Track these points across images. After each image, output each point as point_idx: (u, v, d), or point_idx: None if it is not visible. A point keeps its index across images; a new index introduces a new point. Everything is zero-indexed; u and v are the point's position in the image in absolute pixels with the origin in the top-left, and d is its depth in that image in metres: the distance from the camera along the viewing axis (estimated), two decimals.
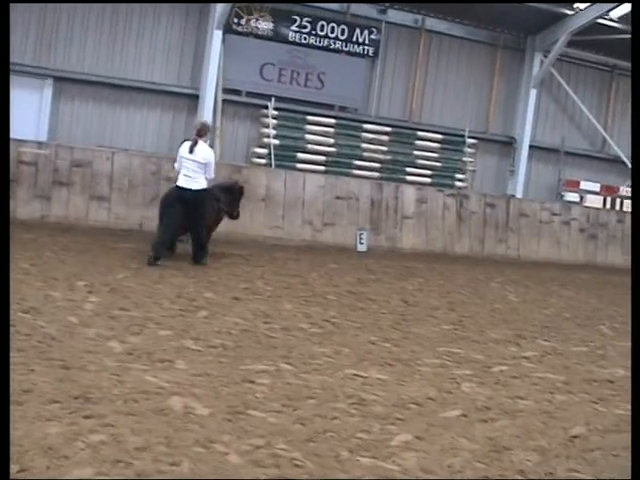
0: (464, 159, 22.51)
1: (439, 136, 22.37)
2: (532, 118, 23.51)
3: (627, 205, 24.68)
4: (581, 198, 24.14)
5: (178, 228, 14.03)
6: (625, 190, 24.93)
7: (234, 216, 15.92)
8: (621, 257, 23.58)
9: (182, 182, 13.76)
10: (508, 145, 23.68)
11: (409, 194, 20.54)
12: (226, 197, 15.53)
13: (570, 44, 22.72)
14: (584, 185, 24.42)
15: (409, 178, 21.64)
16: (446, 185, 21.98)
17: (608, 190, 24.69)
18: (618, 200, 24.69)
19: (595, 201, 24.25)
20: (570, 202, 23.80)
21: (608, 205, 24.44)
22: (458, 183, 22.36)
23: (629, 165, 25.02)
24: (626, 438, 7.23)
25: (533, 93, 23.35)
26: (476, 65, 23.20)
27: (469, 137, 22.60)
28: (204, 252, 14.23)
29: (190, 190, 13.65)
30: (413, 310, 12.29)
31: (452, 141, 22.56)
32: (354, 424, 6.65)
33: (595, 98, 25.15)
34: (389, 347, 9.61)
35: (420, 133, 22.17)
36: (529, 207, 22.48)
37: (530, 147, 23.64)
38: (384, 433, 6.55)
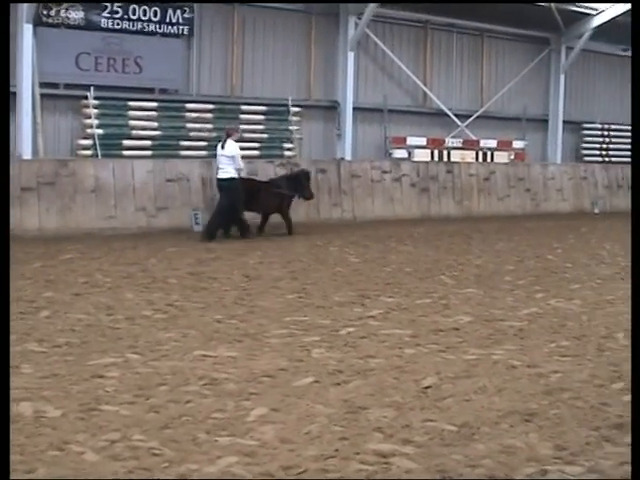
0: (290, 128, 22.56)
1: (263, 108, 22.34)
2: (353, 80, 23.68)
3: (454, 156, 25.20)
4: (409, 153, 24.49)
5: (224, 212, 17.63)
6: (450, 141, 25.44)
7: (309, 197, 19.44)
8: (453, 207, 24.16)
9: (218, 173, 17.82)
10: (332, 109, 23.81)
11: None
12: (294, 184, 18.97)
13: (382, 4, 22.98)
14: (410, 140, 24.77)
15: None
16: (275, 156, 21.99)
17: (434, 143, 25.14)
18: (445, 152, 25.18)
19: (423, 155, 24.65)
20: (399, 158, 24.14)
21: (436, 157, 24.89)
22: (287, 152, 22.38)
23: (452, 116, 25.56)
24: (476, 382, 7.43)
25: (351, 56, 23.51)
26: (292, 34, 23.21)
27: (293, 106, 22.62)
28: (212, 229, 17.49)
29: (222, 179, 17.62)
30: (256, 284, 12.32)
31: (276, 111, 22.56)
32: (208, 405, 6.62)
33: (412, 54, 25.50)
34: (236, 323, 9.60)
35: (244, 107, 22.08)
36: (360, 168, 22.75)
37: (354, 109, 23.81)
38: (239, 410, 6.54)
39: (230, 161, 17.52)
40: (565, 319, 10.43)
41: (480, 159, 25.81)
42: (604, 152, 30.12)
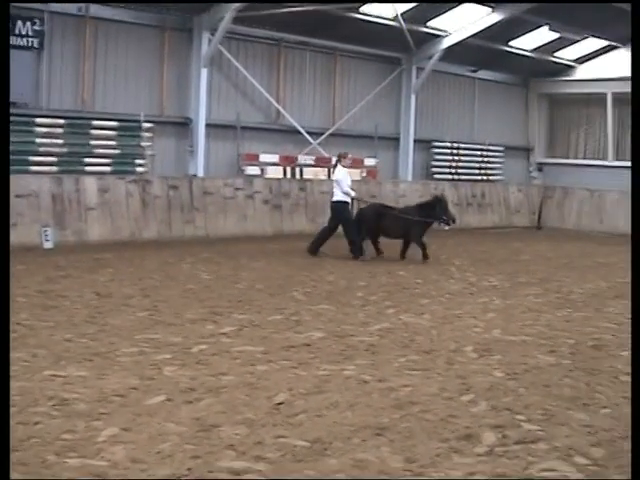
0: (142, 144, 22.31)
1: (115, 123, 22.03)
2: (206, 97, 23.59)
3: (306, 173, 25.37)
4: (262, 170, 24.54)
5: (327, 232, 19.08)
6: (303, 159, 25.60)
7: (449, 222, 19.04)
8: (306, 224, 24.30)
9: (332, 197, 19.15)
10: (185, 126, 23.67)
11: (90, 185, 20.23)
12: (429, 211, 18.87)
13: (236, 21, 22.97)
14: (263, 157, 24.82)
15: (89, 169, 21.15)
16: (127, 172, 21.71)
17: (287, 160, 25.25)
18: (297, 169, 25.32)
19: (275, 172, 24.74)
20: (251, 175, 24.17)
21: (288, 174, 25.02)
22: (139, 169, 22.10)
23: (304, 134, 25.74)
24: (328, 397, 7.49)
25: (204, 72, 23.42)
26: (145, 49, 22.96)
27: (145, 121, 22.40)
28: (355, 247, 18.63)
29: (332, 201, 19.10)
30: (107, 301, 12.15)
31: (128, 127, 22.27)
32: (58, 426, 6.51)
33: (265, 72, 25.57)
34: (86, 342, 9.46)
35: (95, 122, 21.73)
36: (212, 185, 22.70)
37: (207, 125, 23.72)
38: (90, 430, 6.45)
39: (338, 185, 18.78)
40: (415, 334, 10.62)
41: (332, 176, 26.03)
42: (453, 170, 30.77)
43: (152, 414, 6.89)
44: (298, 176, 25.19)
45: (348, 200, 18.83)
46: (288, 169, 25.09)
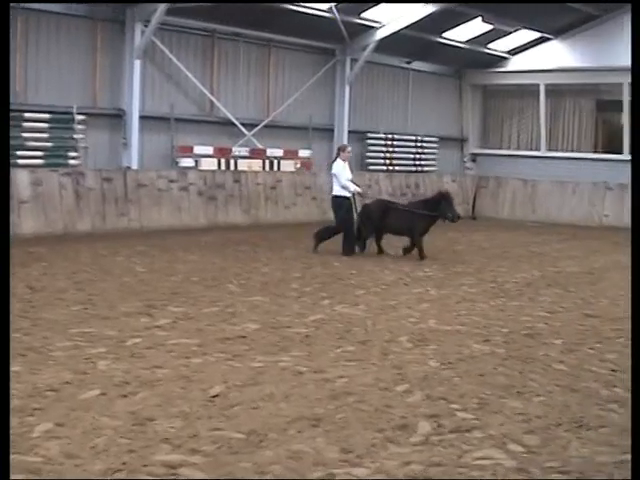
0: (75, 136, 22.08)
1: (47, 116, 21.78)
2: (139, 89, 23.38)
3: (241, 164, 25.31)
4: (196, 162, 24.44)
5: (332, 228, 18.67)
6: (237, 150, 25.53)
7: (454, 219, 18.22)
8: (241, 215, 24.29)
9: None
10: (118, 118, 23.47)
11: (23, 178, 19.98)
12: (434, 207, 18.12)
13: (169, 12, 22.79)
14: (198, 149, 24.69)
15: (21, 162, 20.89)
16: (60, 164, 21.48)
17: (221, 152, 25.15)
18: (232, 161, 25.25)
19: (210, 164, 24.65)
20: (186, 167, 24.06)
21: (223, 166, 24.94)
22: (72, 161, 21.88)
23: (238, 125, 25.67)
24: (263, 389, 7.50)
25: (137, 64, 23.21)
26: (77, 40, 22.67)
27: (78, 114, 22.16)
28: (348, 243, 18.15)
29: (332, 196, 18.56)
30: (40, 295, 12.01)
31: (61, 119, 22.00)
32: None
33: (199, 63, 25.43)
34: (19, 337, 9.33)
35: (27, 114, 21.45)
36: (146, 177, 22.55)
37: (140, 118, 23.53)
38: (23, 426, 6.39)
39: (335, 180, 18.25)
40: (350, 324, 10.65)
41: (267, 168, 26.03)
42: (388, 161, 30.90)
43: (86, 409, 6.84)
44: (233, 168, 25.13)
45: (347, 194, 18.13)
46: (222, 161, 25.01)
